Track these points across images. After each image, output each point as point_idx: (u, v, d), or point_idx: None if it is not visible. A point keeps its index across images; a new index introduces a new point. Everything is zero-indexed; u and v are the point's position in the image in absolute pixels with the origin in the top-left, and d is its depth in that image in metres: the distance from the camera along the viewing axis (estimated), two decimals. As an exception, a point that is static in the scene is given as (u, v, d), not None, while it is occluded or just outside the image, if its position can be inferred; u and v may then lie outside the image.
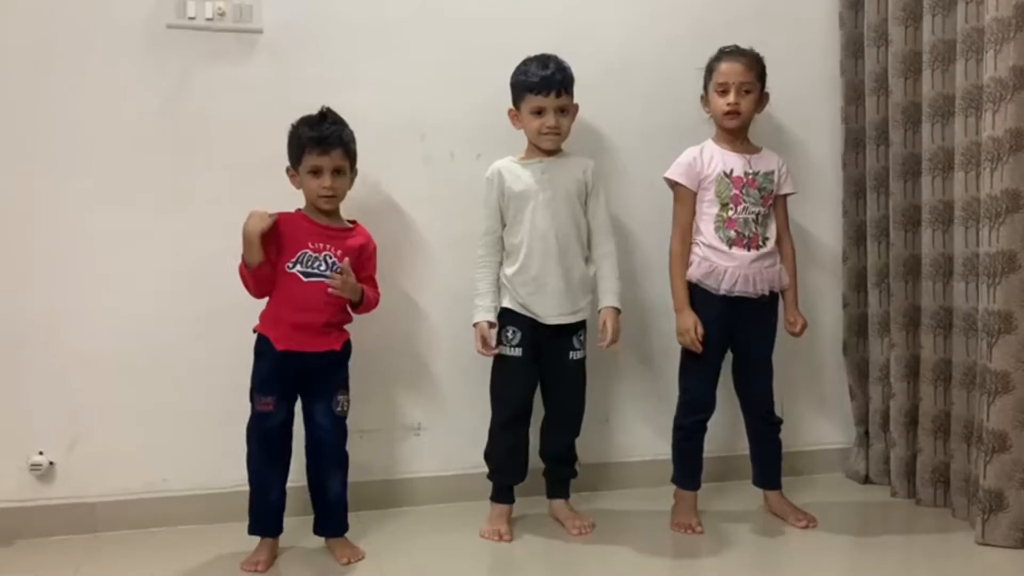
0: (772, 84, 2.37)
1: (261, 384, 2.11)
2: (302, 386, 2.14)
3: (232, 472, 2.20)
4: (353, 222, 2.24)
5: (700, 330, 2.27)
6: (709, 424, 2.37)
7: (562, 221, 2.27)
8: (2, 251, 2.27)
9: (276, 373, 2.10)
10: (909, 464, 2.52)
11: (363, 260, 2.21)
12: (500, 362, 2.30)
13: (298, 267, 2.11)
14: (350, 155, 2.17)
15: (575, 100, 2.30)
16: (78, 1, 2.28)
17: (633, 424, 2.68)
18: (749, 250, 2.29)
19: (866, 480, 2.70)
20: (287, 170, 2.18)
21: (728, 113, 2.29)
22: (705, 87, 2.37)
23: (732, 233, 2.30)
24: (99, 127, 2.31)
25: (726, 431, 2.59)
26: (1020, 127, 2.02)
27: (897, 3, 2.44)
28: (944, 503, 2.41)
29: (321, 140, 2.10)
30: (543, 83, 2.21)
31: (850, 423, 2.79)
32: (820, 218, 2.77)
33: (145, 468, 2.36)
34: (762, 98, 2.35)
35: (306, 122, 2.14)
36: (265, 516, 2.12)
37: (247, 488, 2.12)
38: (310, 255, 2.12)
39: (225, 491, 2.33)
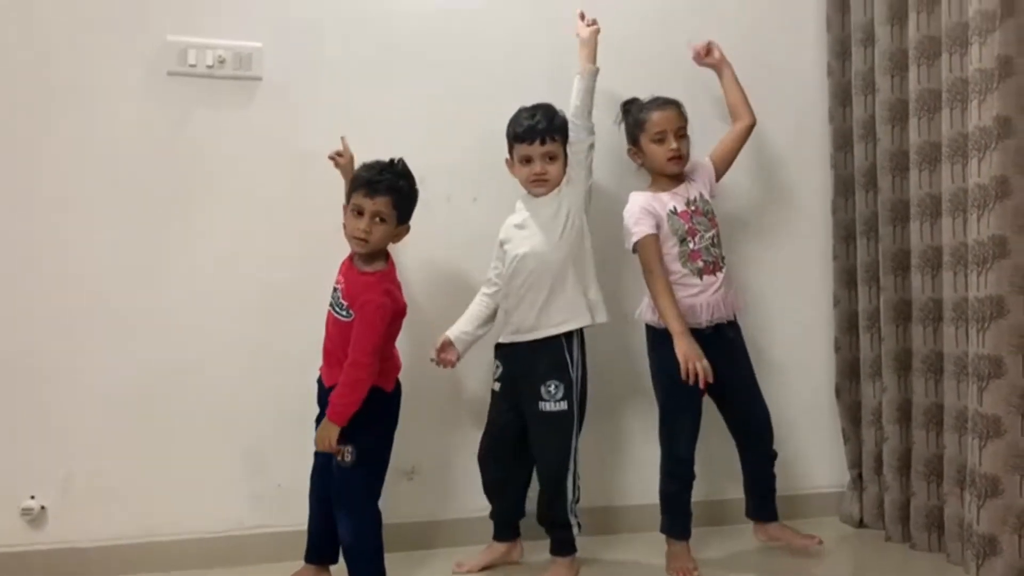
0: (763, 131, 2.42)
1: (315, 422, 2.15)
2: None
3: (227, 516, 2.19)
4: (379, 272, 2.15)
5: (705, 361, 2.24)
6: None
7: (537, 250, 2.29)
8: (-1, 294, 2.28)
9: (319, 406, 2.14)
10: (903, 508, 2.52)
11: (355, 308, 2.09)
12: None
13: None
14: (397, 206, 2.14)
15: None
16: (81, 48, 2.33)
17: (633, 467, 2.67)
18: (715, 274, 2.36)
19: (860, 524, 2.70)
20: (344, 207, 2.19)
21: (672, 159, 2.36)
22: (634, 139, 2.43)
23: (700, 263, 2.36)
24: (100, 171, 2.34)
25: (713, 476, 2.58)
26: (1005, 174, 2.06)
27: (883, 53, 2.50)
28: (938, 548, 2.40)
29: (371, 183, 2.11)
30: (527, 132, 2.28)
31: (844, 466, 2.79)
32: (811, 262, 2.80)
33: (138, 513, 2.34)
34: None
35: (368, 165, 2.16)
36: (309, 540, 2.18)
37: (240, 532, 2.10)
38: (334, 286, 2.15)
39: (219, 536, 2.32)
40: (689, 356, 2.21)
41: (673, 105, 2.40)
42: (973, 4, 2.12)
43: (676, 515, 2.37)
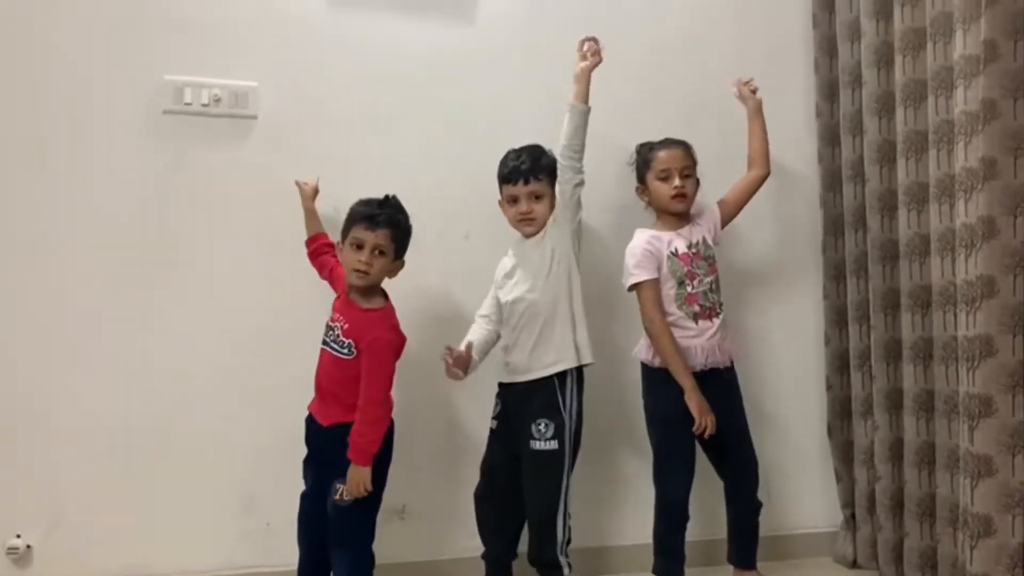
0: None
1: (304, 464, 2.14)
2: (318, 464, 2.14)
3: (216, 556, 2.17)
4: (382, 310, 2.17)
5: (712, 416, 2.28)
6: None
7: (525, 296, 2.30)
8: (-10, 330, 2.28)
9: (310, 449, 2.13)
10: (896, 548, 2.50)
11: (360, 347, 2.10)
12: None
13: (326, 334, 2.15)
14: (396, 240, 2.16)
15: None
16: (77, 85, 2.35)
17: (626, 506, 2.65)
18: (711, 320, 2.36)
19: (854, 564, 2.68)
20: (336, 245, 2.21)
21: (675, 196, 2.39)
22: (641, 178, 2.47)
23: (696, 307, 2.37)
24: (94, 208, 2.35)
25: (708, 515, 2.56)
26: (992, 215, 2.08)
27: (871, 95, 2.54)
28: (933, 588, 2.39)
29: (371, 217, 2.12)
30: (512, 173, 2.32)
31: (837, 506, 2.78)
32: (802, 301, 2.82)
33: (125, 551, 2.32)
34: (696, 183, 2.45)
35: (364, 201, 2.17)
36: None
37: (230, 572, 2.08)
38: (329, 323, 2.15)
39: (206, 574, 2.29)
40: (703, 411, 2.26)
41: (680, 145, 2.44)
42: (958, 49, 2.16)
43: (669, 556, 2.36)
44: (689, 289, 2.37)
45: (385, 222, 2.13)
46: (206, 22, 2.43)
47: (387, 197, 2.18)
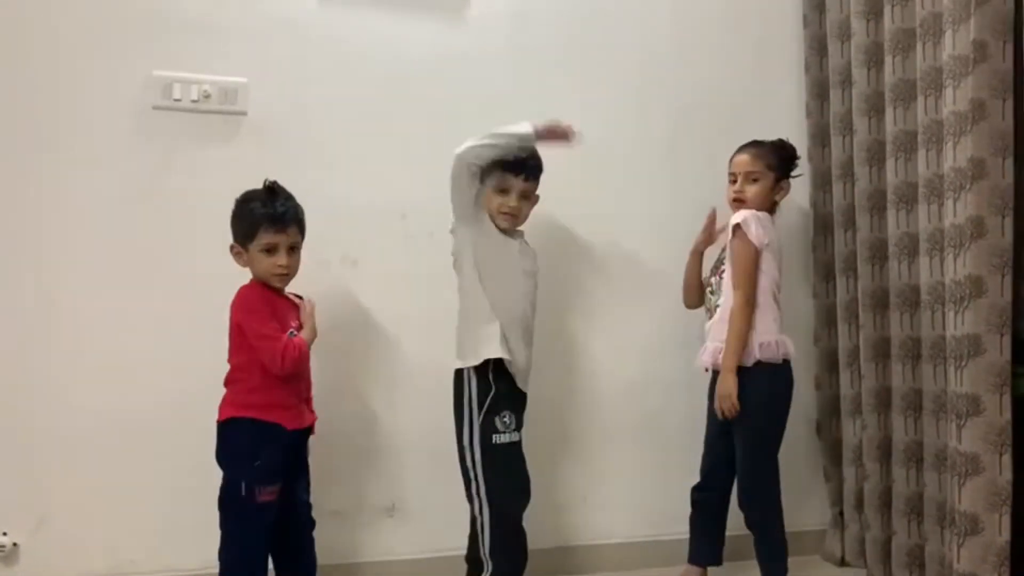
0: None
1: (266, 471, 2.03)
2: (292, 467, 2.12)
3: (200, 553, 2.15)
4: (297, 296, 2.21)
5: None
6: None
7: (530, 297, 2.29)
8: (-24, 327, 2.26)
9: (284, 458, 2.06)
10: (884, 546, 2.51)
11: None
12: (497, 455, 2.17)
13: None
14: (303, 231, 2.15)
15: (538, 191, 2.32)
16: (65, 81, 2.33)
17: (611, 505, 2.66)
18: (709, 320, 2.41)
19: (842, 563, 2.69)
20: (231, 247, 2.13)
21: (733, 200, 2.41)
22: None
23: (708, 305, 2.45)
24: (82, 206, 2.33)
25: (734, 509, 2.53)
26: (980, 215, 2.09)
27: (860, 95, 2.55)
28: (920, 586, 2.40)
29: (277, 218, 2.06)
30: (517, 163, 2.25)
31: (825, 505, 2.79)
32: (793, 301, 2.81)
33: (112, 549, 2.31)
34: (777, 185, 2.42)
35: (256, 198, 2.09)
36: None
37: (215, 570, 2.06)
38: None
39: (193, 572, 2.28)
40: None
41: (752, 148, 2.42)
42: (947, 49, 2.17)
43: (690, 535, 2.44)
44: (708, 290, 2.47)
45: (291, 218, 2.09)
46: (196, 18, 2.42)
47: (272, 187, 2.10)
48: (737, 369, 2.26)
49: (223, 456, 2.06)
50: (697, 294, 2.52)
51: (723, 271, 2.38)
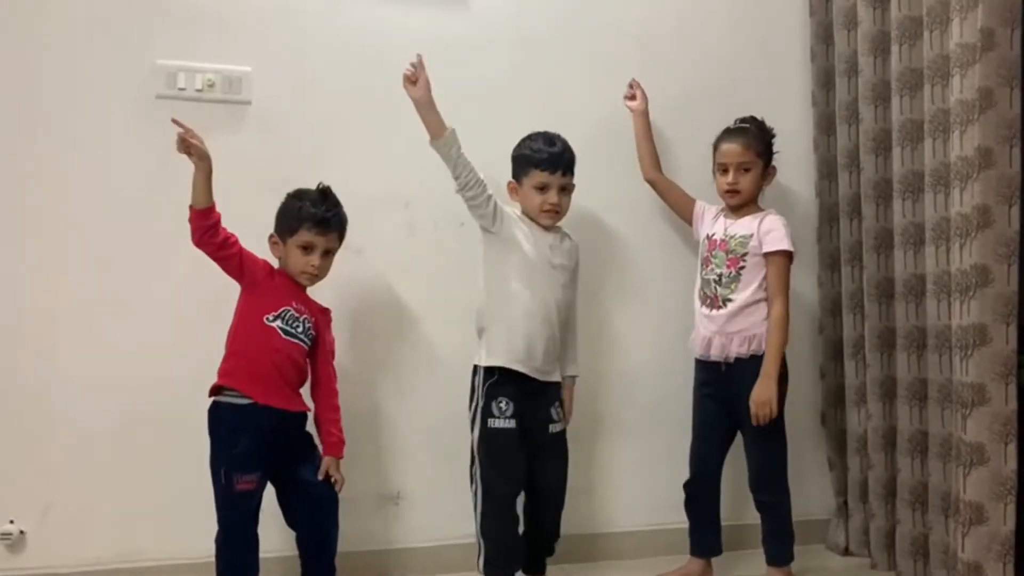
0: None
1: (244, 460, 2.02)
2: (284, 453, 2.10)
3: (207, 540, 2.15)
4: (328, 309, 2.26)
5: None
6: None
7: (558, 291, 2.29)
8: (-18, 316, 2.26)
9: (262, 445, 2.03)
10: (888, 535, 2.52)
11: (323, 343, 2.20)
12: (491, 439, 2.20)
13: (278, 322, 2.10)
14: (342, 240, 2.19)
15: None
16: (69, 70, 2.33)
17: (616, 493, 2.67)
18: (711, 310, 2.36)
19: (846, 552, 2.70)
20: (270, 237, 2.18)
21: (728, 192, 2.39)
22: (713, 163, 2.46)
23: (701, 293, 2.41)
24: (87, 194, 2.34)
25: (731, 499, 2.56)
26: (987, 204, 2.08)
27: (867, 84, 2.54)
28: (924, 575, 2.40)
29: (323, 220, 2.12)
30: (552, 160, 2.24)
31: (830, 494, 2.79)
32: (798, 289, 2.80)
33: (120, 537, 2.32)
34: (767, 172, 2.42)
35: (307, 197, 2.14)
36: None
37: (222, 560, 2.07)
38: (292, 314, 2.12)
39: (202, 561, 2.28)
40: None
41: (741, 137, 2.38)
42: (954, 37, 2.16)
43: (690, 531, 2.45)
44: (702, 274, 2.42)
45: (336, 224, 2.15)
46: (200, 7, 2.41)
47: (325, 191, 2.15)
48: (750, 359, 2.29)
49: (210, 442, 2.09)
50: (650, 161, 2.55)
51: (743, 267, 2.35)
